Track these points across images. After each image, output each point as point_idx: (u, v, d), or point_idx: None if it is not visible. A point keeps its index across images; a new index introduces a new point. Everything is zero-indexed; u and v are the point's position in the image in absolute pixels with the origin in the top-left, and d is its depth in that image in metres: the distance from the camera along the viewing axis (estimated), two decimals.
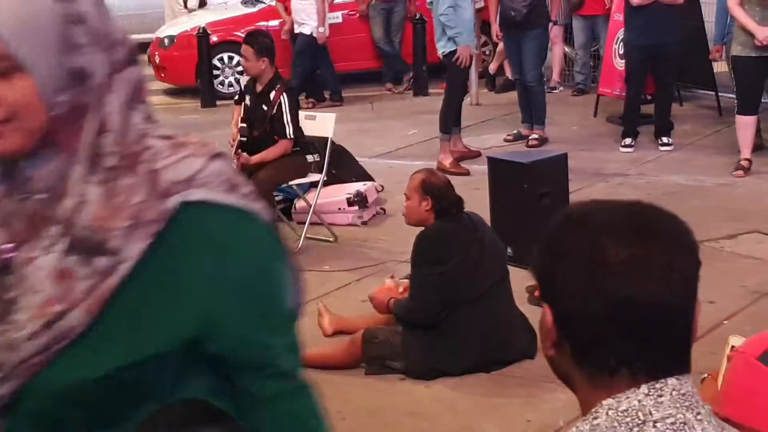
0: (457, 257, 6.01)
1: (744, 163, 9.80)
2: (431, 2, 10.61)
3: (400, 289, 6.45)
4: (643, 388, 1.60)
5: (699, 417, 1.60)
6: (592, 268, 1.60)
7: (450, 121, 10.65)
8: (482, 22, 13.24)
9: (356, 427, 5.59)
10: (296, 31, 13.81)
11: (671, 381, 1.61)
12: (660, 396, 1.59)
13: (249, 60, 8.42)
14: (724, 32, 10.90)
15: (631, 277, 1.59)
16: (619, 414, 1.58)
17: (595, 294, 1.60)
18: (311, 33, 13.60)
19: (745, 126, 9.82)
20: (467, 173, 10.11)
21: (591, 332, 1.61)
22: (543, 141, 11.20)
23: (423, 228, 6.20)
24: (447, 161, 10.39)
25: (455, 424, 5.60)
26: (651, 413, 1.58)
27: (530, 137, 11.24)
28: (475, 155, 10.74)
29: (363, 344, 6.15)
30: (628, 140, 10.85)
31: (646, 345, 1.61)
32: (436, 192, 6.17)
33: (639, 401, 1.59)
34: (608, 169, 10.22)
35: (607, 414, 1.59)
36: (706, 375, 3.49)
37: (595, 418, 1.60)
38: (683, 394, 1.61)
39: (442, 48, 10.43)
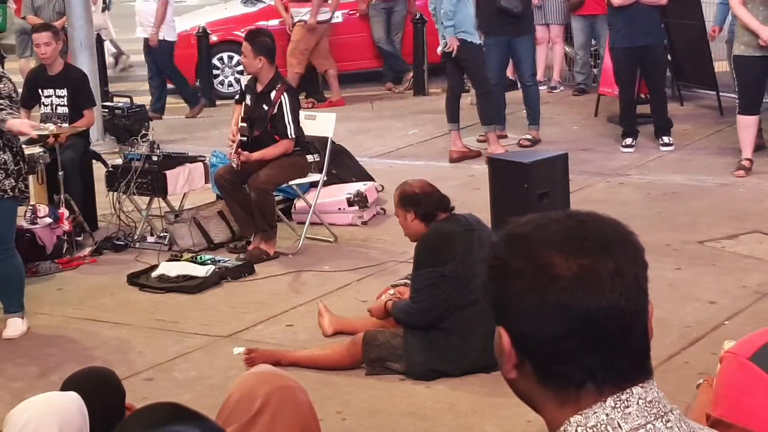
0: (456, 258, 6.01)
1: (745, 163, 9.78)
2: (434, 9, 10.66)
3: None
4: (610, 401, 1.58)
5: (669, 424, 1.59)
6: (544, 286, 1.58)
7: (493, 113, 10.84)
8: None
9: (356, 428, 5.59)
10: (140, 35, 13.73)
11: (636, 390, 1.59)
12: (627, 407, 1.58)
13: (247, 57, 8.44)
14: (725, 17, 10.85)
15: (585, 289, 1.57)
16: (588, 430, 1.57)
17: (552, 312, 1.58)
18: (163, 37, 13.52)
19: (747, 126, 9.81)
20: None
21: (553, 350, 1.59)
22: (535, 142, 11.17)
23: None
24: (500, 150, 10.46)
25: (455, 424, 5.60)
26: (620, 426, 1.57)
27: (523, 137, 11.24)
28: (475, 155, 10.75)
29: (363, 346, 6.14)
30: (628, 140, 10.85)
31: (608, 355, 1.59)
32: (413, 200, 6.18)
33: (607, 415, 1.57)
34: (609, 169, 10.21)
35: (576, 431, 1.58)
36: (701, 380, 3.48)
37: None
38: (650, 402, 1.59)
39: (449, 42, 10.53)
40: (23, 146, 7.36)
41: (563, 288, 1.57)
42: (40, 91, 9.14)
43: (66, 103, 9.06)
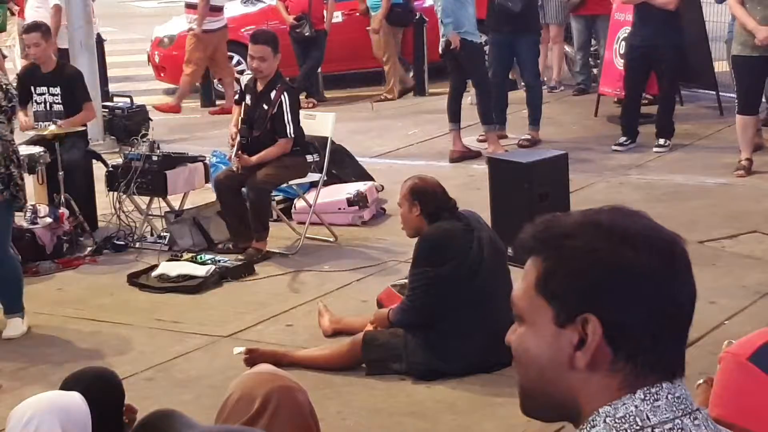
0: (456, 258, 6.01)
1: (745, 163, 9.77)
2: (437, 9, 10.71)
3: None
4: (639, 393, 1.59)
5: (696, 422, 1.60)
6: (654, 275, 1.60)
7: (490, 113, 10.82)
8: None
9: (356, 428, 5.59)
10: None
11: (666, 384, 1.61)
12: (656, 400, 1.59)
13: (267, 60, 8.28)
14: None
15: (681, 277, 1.62)
16: (617, 421, 1.58)
17: (662, 300, 1.60)
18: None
19: (746, 126, 9.80)
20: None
21: (648, 338, 1.60)
22: (535, 142, 11.15)
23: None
24: (500, 150, 10.45)
25: (455, 424, 5.60)
26: (648, 418, 1.58)
27: (522, 137, 11.24)
28: (475, 155, 10.75)
29: (363, 347, 6.14)
30: (622, 139, 10.85)
31: (679, 342, 1.64)
32: (424, 196, 6.20)
33: (636, 407, 1.58)
34: (609, 169, 10.21)
35: (604, 422, 1.59)
36: (701, 381, 3.48)
37: (593, 426, 1.60)
38: (678, 398, 1.61)
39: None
40: (21, 146, 7.34)
41: (669, 278, 1.60)
42: (32, 89, 9.10)
43: (60, 101, 9.04)
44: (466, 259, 6.01)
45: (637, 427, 1.57)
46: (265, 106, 8.31)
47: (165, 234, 8.60)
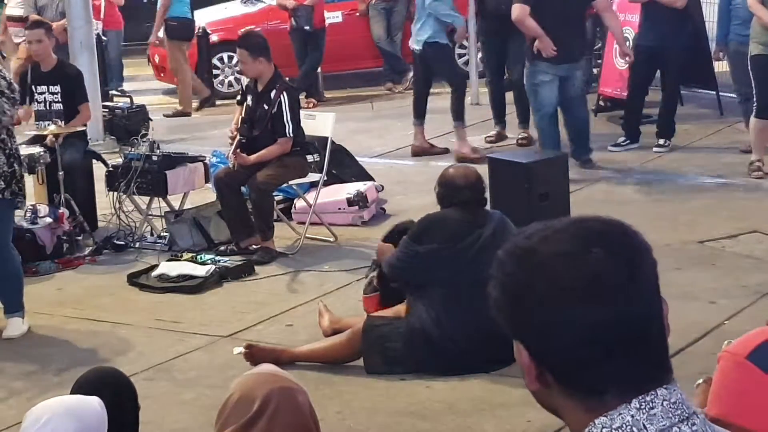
0: (437, 244, 6.18)
1: (758, 164, 9.58)
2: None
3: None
4: (635, 403, 1.58)
5: (694, 428, 1.59)
6: (556, 299, 1.58)
7: (462, 110, 10.92)
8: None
9: (356, 428, 5.59)
10: None
11: (661, 391, 1.60)
12: (652, 408, 1.58)
13: (246, 63, 8.42)
14: (727, 32, 10.78)
15: (599, 299, 1.57)
16: (614, 431, 1.57)
17: (567, 324, 1.58)
18: None
19: (763, 129, 9.60)
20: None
21: (572, 360, 1.59)
22: (531, 141, 11.15)
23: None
24: (465, 149, 10.57)
25: (455, 424, 5.60)
26: (645, 427, 1.57)
27: (519, 136, 11.24)
28: (440, 152, 10.93)
29: (363, 335, 6.16)
30: (620, 139, 10.83)
31: (628, 360, 1.59)
32: (442, 183, 6.38)
33: (632, 416, 1.57)
34: (608, 169, 10.21)
35: None
36: (701, 381, 3.48)
37: None
38: (674, 403, 1.60)
39: (423, 38, 10.61)
40: (21, 146, 7.35)
41: (576, 299, 1.57)
42: (33, 87, 9.11)
43: (60, 100, 9.04)
44: (446, 248, 6.14)
45: None
46: (266, 106, 8.33)
47: (165, 234, 8.61)
